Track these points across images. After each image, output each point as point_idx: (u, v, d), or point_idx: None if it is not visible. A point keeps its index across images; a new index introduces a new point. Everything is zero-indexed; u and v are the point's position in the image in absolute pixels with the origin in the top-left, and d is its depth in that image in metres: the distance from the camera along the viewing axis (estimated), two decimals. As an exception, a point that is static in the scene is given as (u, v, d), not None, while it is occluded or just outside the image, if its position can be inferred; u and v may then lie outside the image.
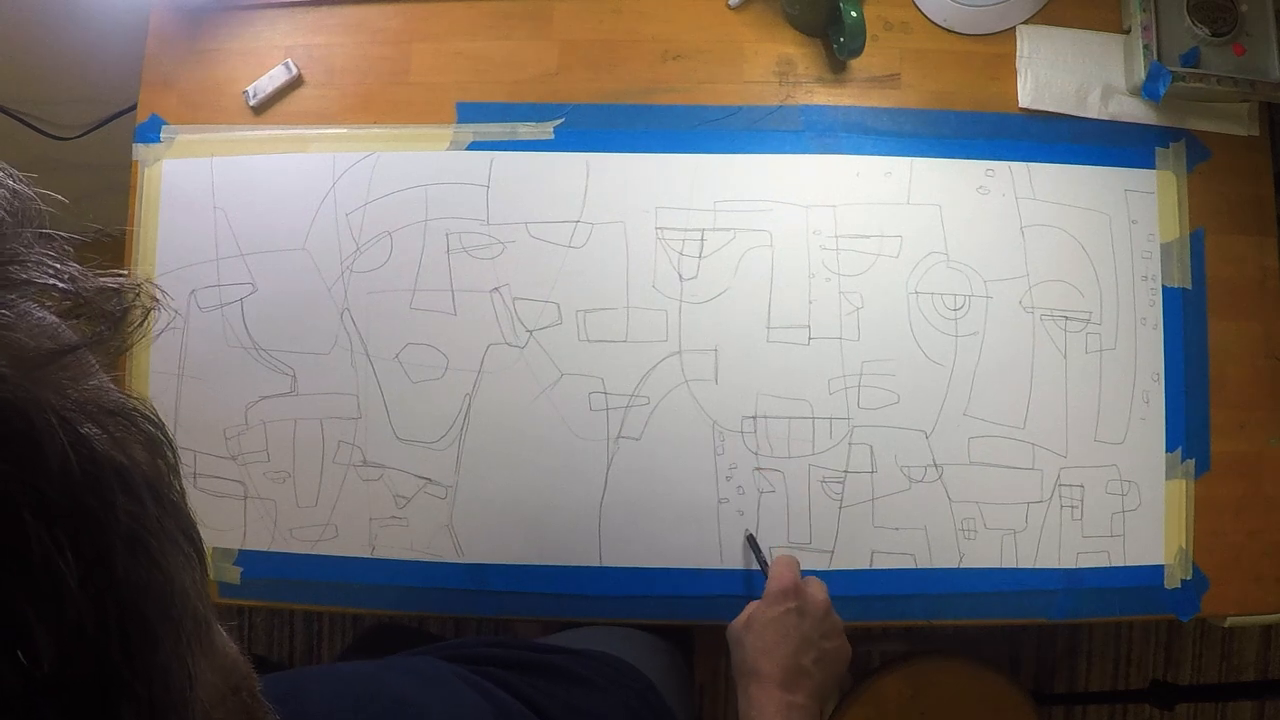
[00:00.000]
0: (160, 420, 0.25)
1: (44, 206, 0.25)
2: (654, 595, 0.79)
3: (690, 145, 0.83)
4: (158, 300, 0.27)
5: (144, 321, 0.26)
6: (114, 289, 0.26)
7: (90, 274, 0.25)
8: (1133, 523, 0.81)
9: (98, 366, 0.24)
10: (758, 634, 0.66)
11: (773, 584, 0.68)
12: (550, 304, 0.81)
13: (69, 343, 0.23)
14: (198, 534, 0.25)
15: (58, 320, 0.24)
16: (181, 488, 0.25)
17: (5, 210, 0.24)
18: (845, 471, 0.80)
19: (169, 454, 0.25)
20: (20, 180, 0.25)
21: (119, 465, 0.22)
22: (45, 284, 0.24)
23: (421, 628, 0.72)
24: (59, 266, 0.24)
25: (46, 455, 0.20)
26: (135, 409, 0.24)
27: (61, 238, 0.25)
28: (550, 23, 0.85)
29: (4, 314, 0.22)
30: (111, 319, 0.26)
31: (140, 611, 0.22)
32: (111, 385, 0.24)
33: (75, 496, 0.21)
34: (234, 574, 0.80)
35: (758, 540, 0.78)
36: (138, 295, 0.26)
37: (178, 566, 0.23)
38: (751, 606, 0.68)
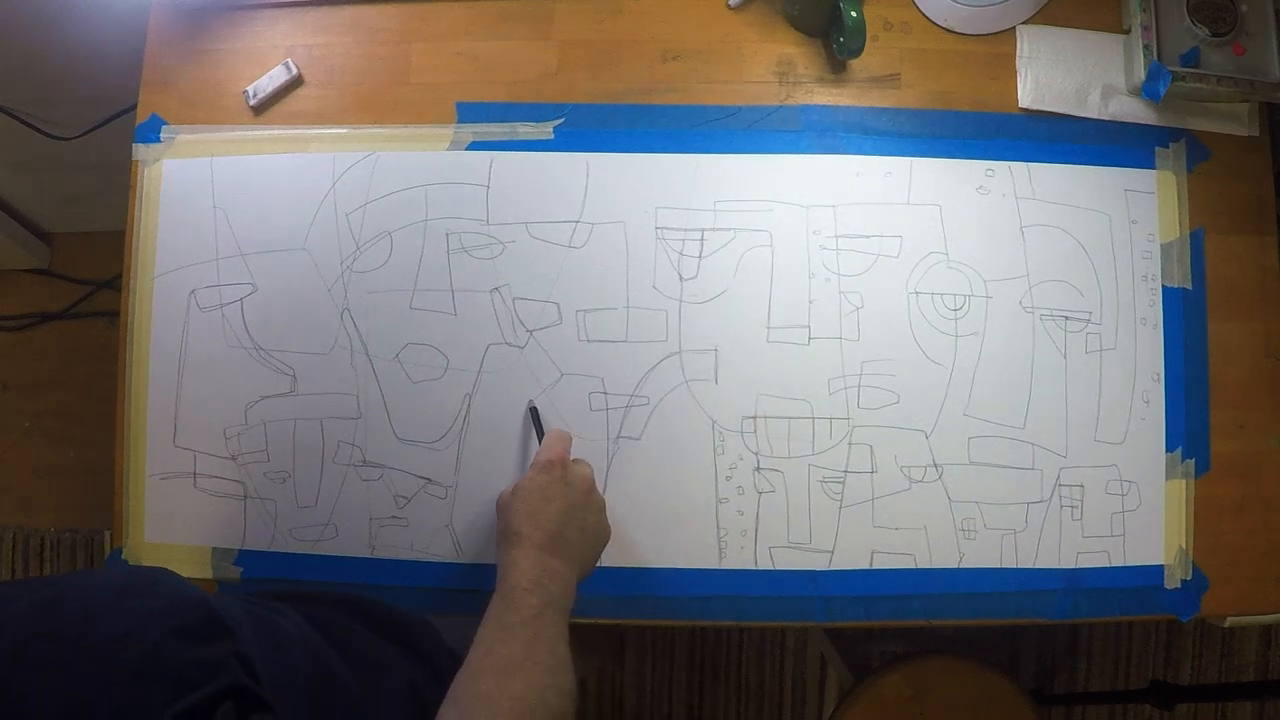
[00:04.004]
0: None
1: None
2: (654, 595, 0.79)
3: (690, 145, 0.83)
4: None
5: None
6: None
7: None
8: (1133, 523, 0.81)
9: None
10: (522, 499, 0.67)
11: (541, 454, 0.70)
12: (550, 304, 0.81)
13: None
14: None
15: None
16: None
17: None
18: (845, 471, 0.80)
19: None
20: None
21: None
22: None
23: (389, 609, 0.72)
24: None
25: None
26: None
27: None
28: (550, 23, 0.85)
29: None
30: None
31: None
32: None
33: None
34: (234, 574, 0.80)
35: (540, 414, 0.79)
36: None
37: None
38: (519, 478, 0.70)
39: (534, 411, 0.79)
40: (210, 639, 0.44)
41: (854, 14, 0.77)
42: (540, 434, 0.78)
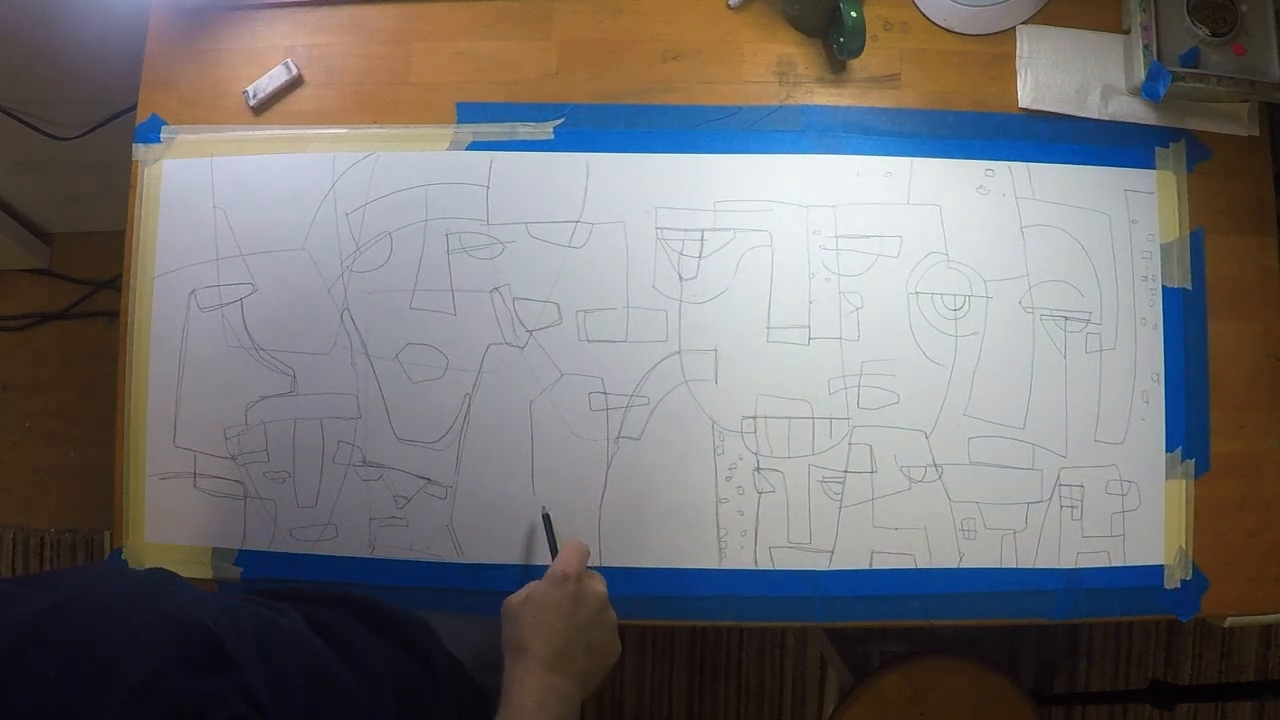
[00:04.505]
0: None
1: None
2: (653, 595, 0.79)
3: (690, 145, 0.83)
4: None
5: None
6: None
7: None
8: (1132, 523, 0.81)
9: None
10: (533, 613, 0.66)
11: (556, 567, 0.68)
12: (550, 304, 0.81)
13: None
14: None
15: None
16: None
17: None
18: (845, 471, 0.80)
19: None
20: None
21: None
22: None
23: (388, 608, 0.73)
24: None
25: None
26: None
27: None
28: (550, 23, 0.85)
29: None
30: None
31: None
32: None
33: None
34: (234, 574, 0.80)
35: (553, 521, 0.77)
36: None
37: None
38: (531, 585, 0.68)
39: (547, 519, 0.77)
40: (211, 671, 0.44)
41: (854, 14, 0.77)
42: (552, 541, 0.76)
